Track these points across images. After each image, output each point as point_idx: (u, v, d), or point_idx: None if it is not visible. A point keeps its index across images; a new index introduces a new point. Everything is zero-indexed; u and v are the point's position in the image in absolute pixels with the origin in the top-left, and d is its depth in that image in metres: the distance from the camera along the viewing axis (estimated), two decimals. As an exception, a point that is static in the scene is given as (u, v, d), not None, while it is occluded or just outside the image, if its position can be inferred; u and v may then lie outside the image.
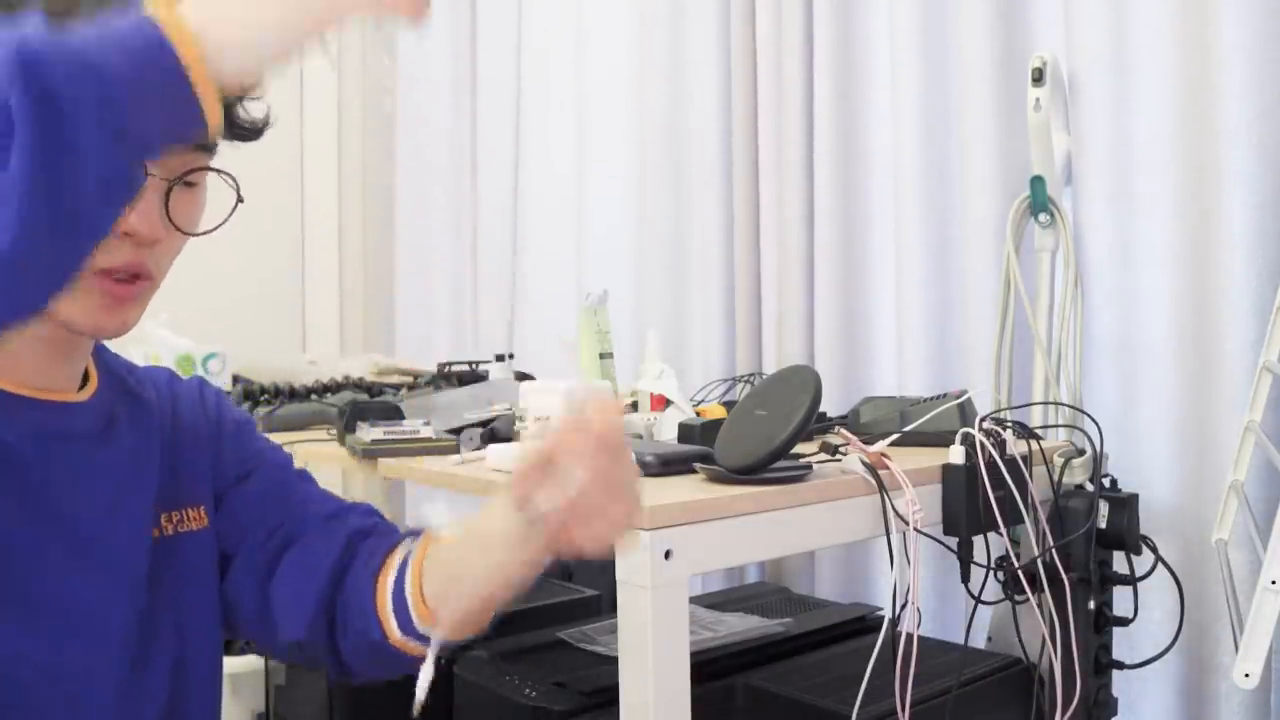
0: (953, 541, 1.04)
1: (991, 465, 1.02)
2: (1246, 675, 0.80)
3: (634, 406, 1.36)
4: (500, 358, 1.86)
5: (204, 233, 0.79)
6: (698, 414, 1.30)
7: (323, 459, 1.41)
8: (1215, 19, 1.25)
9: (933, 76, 1.57)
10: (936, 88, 1.57)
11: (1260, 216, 1.22)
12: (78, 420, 0.79)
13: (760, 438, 0.91)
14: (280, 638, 0.85)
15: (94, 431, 0.80)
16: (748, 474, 0.91)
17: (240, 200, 0.80)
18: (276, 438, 0.95)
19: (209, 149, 0.77)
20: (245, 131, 0.79)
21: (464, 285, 2.62)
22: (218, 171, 0.79)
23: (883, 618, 0.93)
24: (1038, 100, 1.33)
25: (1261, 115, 1.22)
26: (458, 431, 1.24)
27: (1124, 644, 1.21)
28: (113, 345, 0.84)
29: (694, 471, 0.97)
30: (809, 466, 0.96)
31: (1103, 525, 1.15)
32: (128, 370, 0.88)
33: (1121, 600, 1.19)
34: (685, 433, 1.16)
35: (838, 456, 1.03)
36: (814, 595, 1.61)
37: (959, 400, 1.20)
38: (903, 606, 0.93)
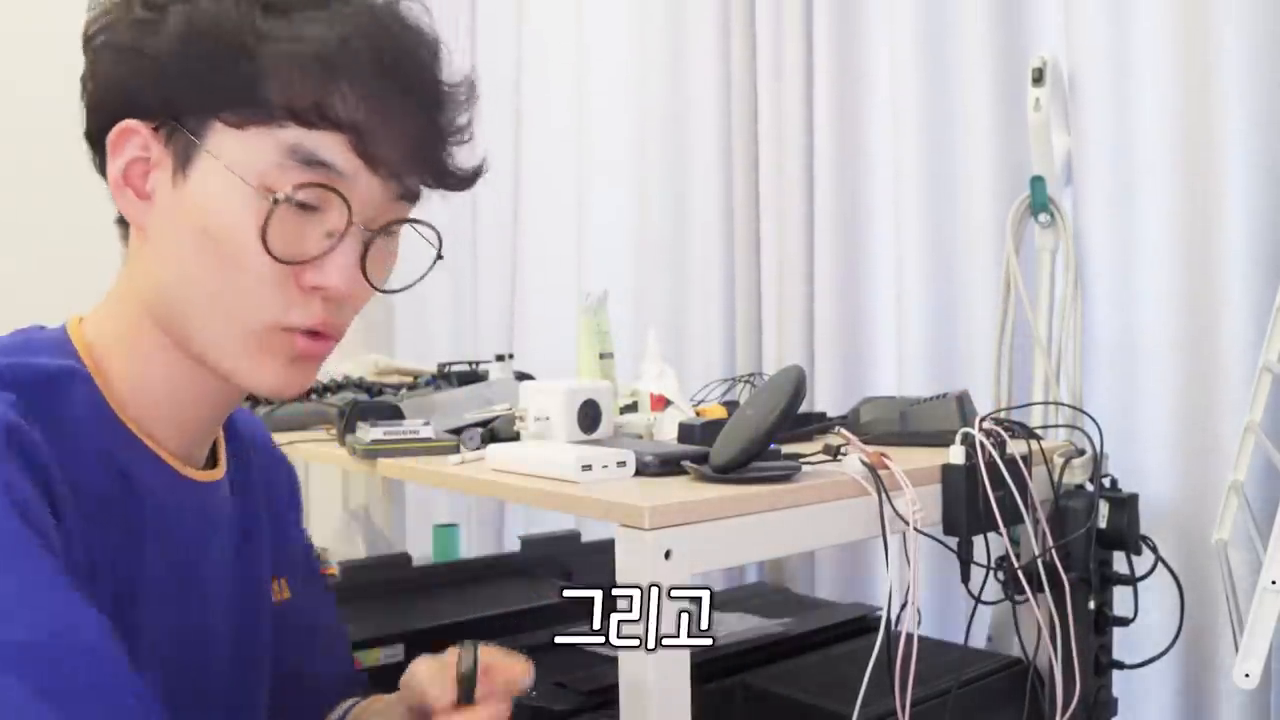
0: (953, 541, 1.04)
1: (991, 465, 1.02)
2: (1246, 675, 0.80)
3: (634, 406, 1.36)
4: (500, 358, 1.86)
5: (395, 290, 0.72)
6: (698, 414, 1.30)
7: (323, 459, 1.41)
8: (1215, 18, 1.25)
9: (933, 77, 1.57)
10: (936, 88, 1.57)
11: (1260, 216, 1.22)
12: (218, 503, 0.74)
13: (742, 436, 0.92)
14: None
15: (226, 517, 0.74)
16: (727, 471, 0.91)
17: (440, 257, 0.74)
18: (276, 437, 0.94)
19: (412, 197, 0.71)
20: (456, 181, 0.72)
21: (464, 285, 2.62)
22: (419, 223, 0.72)
23: (882, 618, 0.93)
24: (1038, 100, 1.33)
25: (1262, 115, 1.22)
26: (458, 431, 1.24)
27: (1124, 644, 1.21)
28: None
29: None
30: (797, 466, 0.96)
31: (1103, 525, 1.15)
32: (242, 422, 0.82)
33: (1121, 600, 1.19)
34: (685, 433, 1.16)
35: (839, 457, 1.03)
36: (814, 595, 1.61)
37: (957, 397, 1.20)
38: (902, 606, 0.92)
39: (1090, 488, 1.16)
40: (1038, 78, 1.33)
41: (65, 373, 0.65)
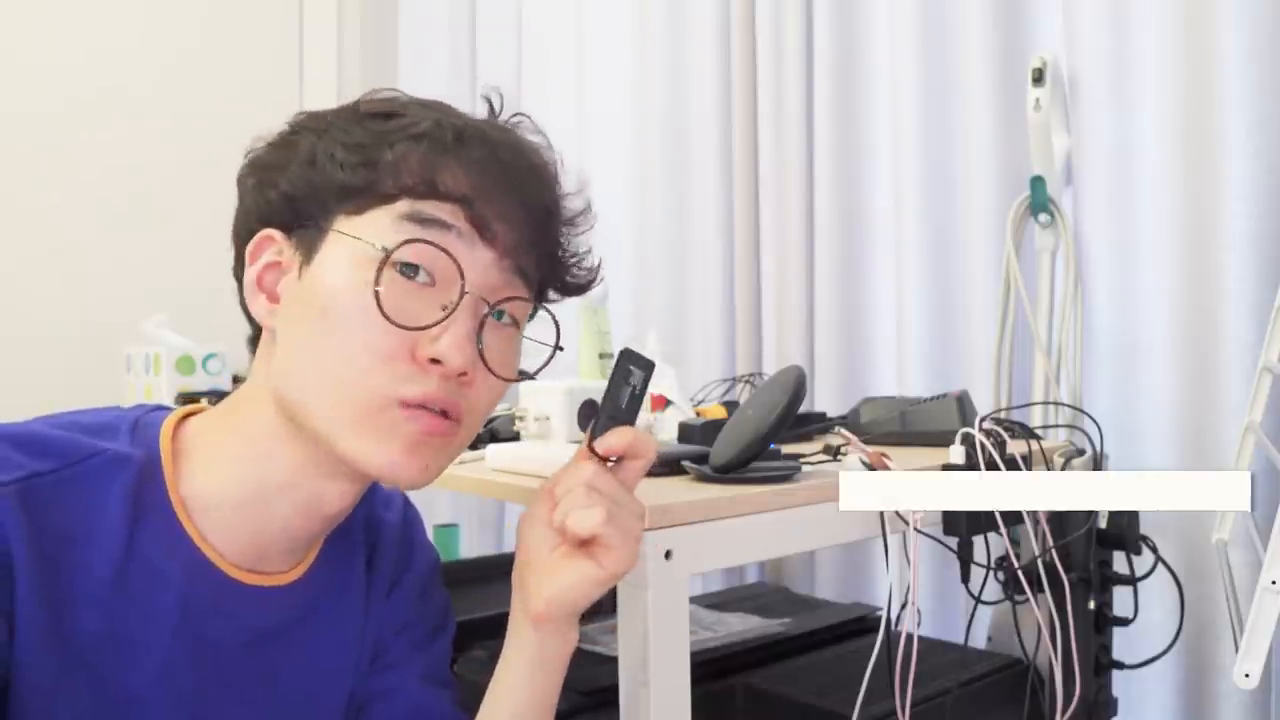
0: (953, 541, 1.04)
1: (991, 465, 1.02)
2: (1246, 675, 0.80)
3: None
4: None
5: (517, 379, 0.73)
6: (698, 414, 1.30)
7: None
8: (1215, 18, 1.25)
9: (933, 76, 1.57)
10: (936, 88, 1.57)
11: (1260, 217, 1.22)
12: (275, 606, 0.73)
13: (742, 436, 0.92)
14: None
15: (286, 621, 0.74)
16: (727, 471, 0.91)
17: (560, 348, 0.75)
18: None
19: (529, 282, 0.72)
20: (570, 272, 0.77)
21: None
22: (543, 308, 0.74)
23: (882, 618, 0.93)
24: (1038, 100, 1.33)
25: (1262, 116, 1.22)
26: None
27: (1124, 644, 1.21)
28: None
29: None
30: (797, 466, 0.96)
31: (1103, 525, 1.15)
32: (356, 506, 0.79)
33: (1121, 600, 1.19)
34: (685, 433, 1.16)
35: (838, 457, 1.03)
36: (814, 595, 1.61)
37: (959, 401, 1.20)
38: (902, 606, 0.92)
39: (1090, 488, 1.16)
40: (1038, 78, 1.33)
41: (114, 459, 0.67)
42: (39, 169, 2.37)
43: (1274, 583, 0.80)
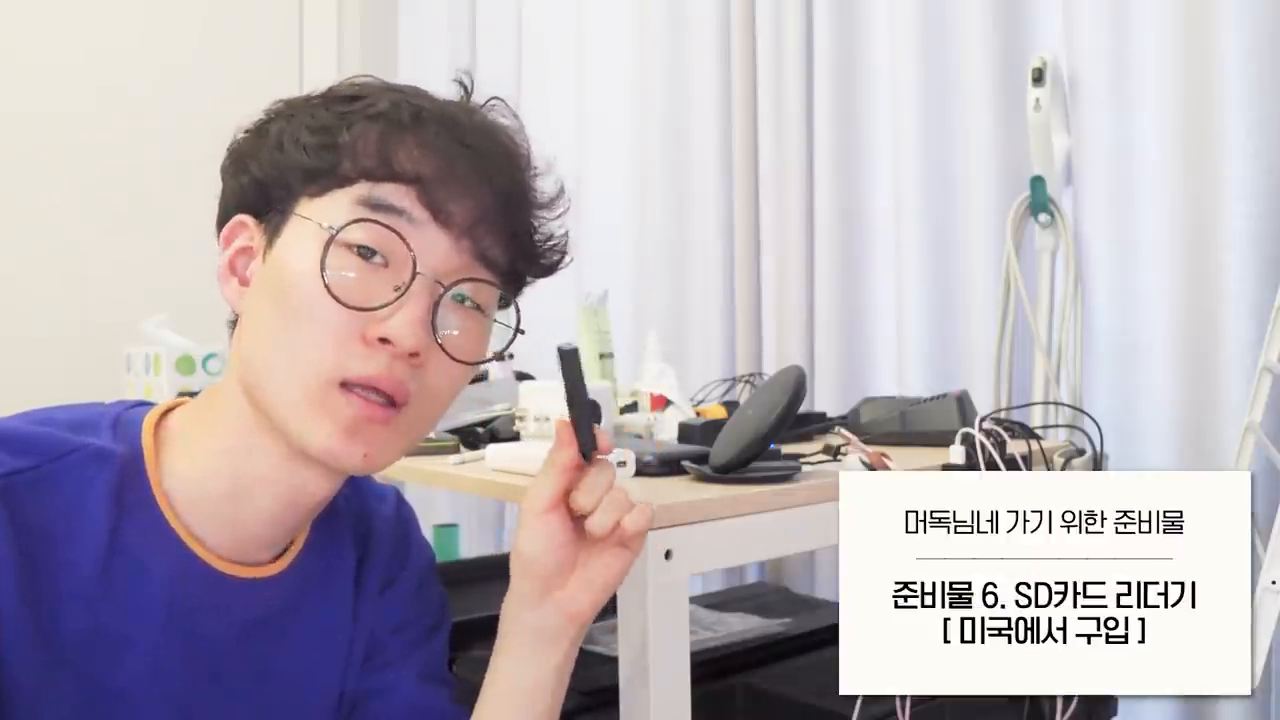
0: (953, 541, 1.04)
1: (991, 465, 1.02)
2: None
3: (634, 406, 1.36)
4: (500, 357, 1.85)
5: (476, 363, 0.72)
6: (698, 414, 1.30)
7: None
8: (1215, 18, 1.25)
9: (933, 76, 1.57)
10: (936, 88, 1.57)
11: (1260, 217, 1.22)
12: (263, 598, 0.72)
13: (742, 436, 0.92)
14: None
15: (274, 612, 0.73)
16: (727, 471, 0.91)
17: (520, 331, 0.74)
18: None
19: (493, 267, 0.71)
20: (533, 252, 0.76)
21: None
22: (493, 284, 0.71)
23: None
24: (1038, 100, 1.33)
25: (1262, 115, 1.22)
26: (458, 431, 1.24)
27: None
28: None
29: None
30: (797, 466, 0.96)
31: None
32: (345, 499, 0.79)
33: (1121, 600, 1.19)
34: (685, 433, 1.16)
35: (838, 457, 1.03)
36: (814, 595, 1.61)
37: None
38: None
39: (1090, 488, 1.16)
40: (1038, 78, 1.33)
41: (96, 454, 0.67)
42: (39, 169, 2.36)
43: (1274, 583, 0.80)
